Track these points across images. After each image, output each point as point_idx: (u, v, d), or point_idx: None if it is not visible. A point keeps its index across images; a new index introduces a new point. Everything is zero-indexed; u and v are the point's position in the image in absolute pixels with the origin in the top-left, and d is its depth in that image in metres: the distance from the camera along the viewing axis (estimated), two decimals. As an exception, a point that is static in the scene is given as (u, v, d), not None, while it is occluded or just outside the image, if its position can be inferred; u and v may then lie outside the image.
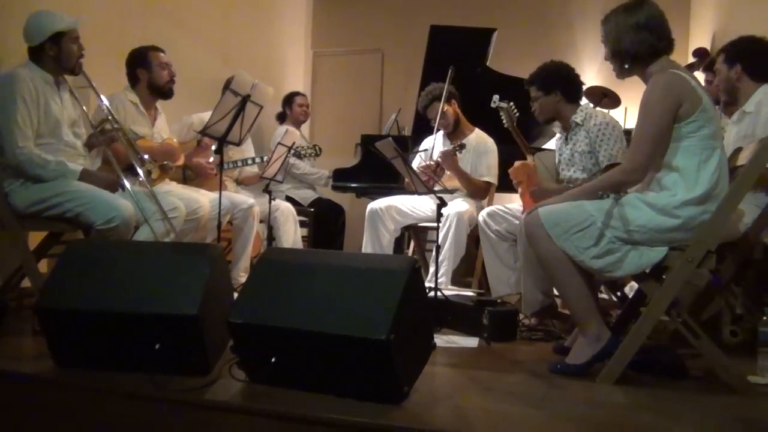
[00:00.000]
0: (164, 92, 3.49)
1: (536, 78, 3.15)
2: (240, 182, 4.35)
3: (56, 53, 2.84)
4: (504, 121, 3.27)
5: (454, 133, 4.06)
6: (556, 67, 3.14)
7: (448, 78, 3.91)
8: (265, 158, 3.97)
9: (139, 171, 2.98)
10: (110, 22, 3.80)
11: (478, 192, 4.01)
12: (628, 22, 2.24)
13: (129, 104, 3.40)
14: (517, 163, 3.38)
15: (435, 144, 4.04)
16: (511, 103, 3.23)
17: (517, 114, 3.31)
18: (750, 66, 2.80)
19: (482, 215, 3.42)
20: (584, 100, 3.18)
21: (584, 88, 3.32)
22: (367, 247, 3.96)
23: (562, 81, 3.11)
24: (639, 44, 2.23)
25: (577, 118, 3.10)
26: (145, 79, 3.45)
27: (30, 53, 2.86)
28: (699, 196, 2.12)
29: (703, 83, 2.86)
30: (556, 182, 3.20)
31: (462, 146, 3.73)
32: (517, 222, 3.20)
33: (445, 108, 3.94)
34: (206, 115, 3.91)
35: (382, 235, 3.94)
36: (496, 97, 3.25)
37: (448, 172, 3.94)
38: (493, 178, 4.03)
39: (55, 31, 2.81)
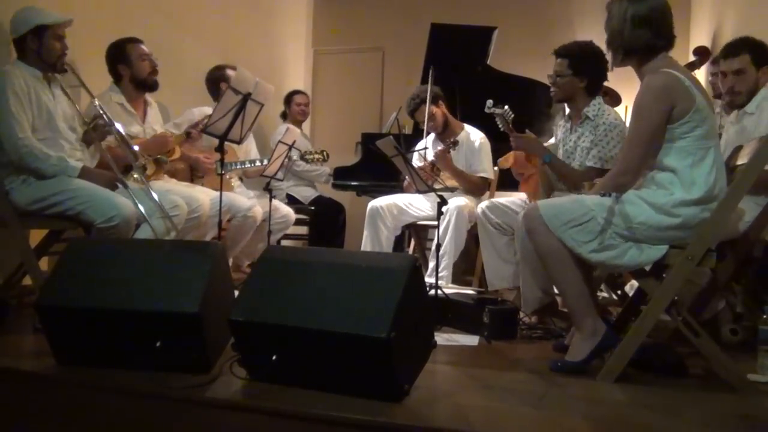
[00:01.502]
0: (149, 85, 3.42)
1: (572, 55, 2.99)
2: (243, 175, 4.36)
3: (37, 47, 2.82)
4: (500, 126, 3.24)
5: (444, 134, 4.07)
6: (596, 55, 2.95)
7: (430, 79, 3.93)
8: (267, 160, 3.98)
9: (134, 167, 2.96)
10: (111, 22, 3.80)
11: (476, 189, 4.02)
12: (629, 12, 2.18)
13: (115, 105, 3.32)
14: (508, 154, 3.38)
15: (427, 147, 4.06)
16: (506, 107, 3.18)
17: (512, 116, 3.29)
18: (756, 54, 2.79)
19: (481, 207, 3.40)
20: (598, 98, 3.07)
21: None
22: (366, 245, 3.96)
23: (594, 70, 2.97)
24: (635, 39, 2.19)
25: (590, 112, 3.00)
26: (127, 75, 3.38)
27: (16, 48, 2.86)
28: (698, 197, 2.12)
29: (705, 80, 2.86)
30: (556, 180, 3.18)
31: (455, 143, 3.74)
32: (517, 216, 3.19)
33: (433, 110, 3.95)
34: (207, 109, 3.93)
35: (382, 234, 3.95)
36: (489, 102, 3.18)
37: (446, 172, 3.96)
38: (488, 173, 4.04)
39: (38, 23, 2.80)
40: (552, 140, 3.62)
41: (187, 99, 4.25)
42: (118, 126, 3.00)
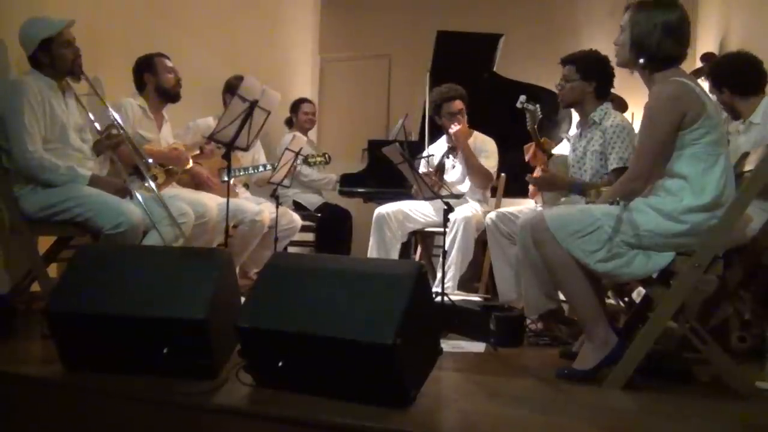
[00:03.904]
0: (172, 95, 3.55)
1: (579, 60, 3.04)
2: (250, 183, 4.37)
3: (50, 60, 2.85)
4: (527, 123, 3.27)
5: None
6: (602, 60, 3.03)
7: (428, 82, 4.04)
8: (271, 165, 4.00)
9: (146, 176, 2.99)
10: (118, 29, 3.83)
11: (484, 179, 4.00)
12: (659, 18, 2.18)
13: (137, 108, 3.45)
14: (529, 144, 3.39)
15: (434, 151, 4.08)
16: (537, 105, 3.20)
17: (540, 116, 3.29)
18: (735, 87, 2.85)
19: (490, 217, 3.40)
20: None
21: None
22: (373, 252, 3.96)
23: (602, 74, 3.02)
24: (662, 47, 2.18)
25: (596, 116, 3.03)
26: (152, 84, 3.50)
27: (31, 63, 2.88)
28: (706, 203, 2.12)
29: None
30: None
31: (453, 149, 3.76)
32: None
33: (462, 107, 3.99)
34: (211, 120, 3.97)
35: (389, 240, 3.96)
36: (522, 98, 3.20)
37: (450, 180, 3.97)
38: (492, 170, 4.05)
39: (41, 38, 2.82)
40: (561, 149, 3.63)
41: (193, 105, 4.27)
42: (132, 127, 3.03)
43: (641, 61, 2.23)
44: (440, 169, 3.94)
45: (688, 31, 2.22)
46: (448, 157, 3.86)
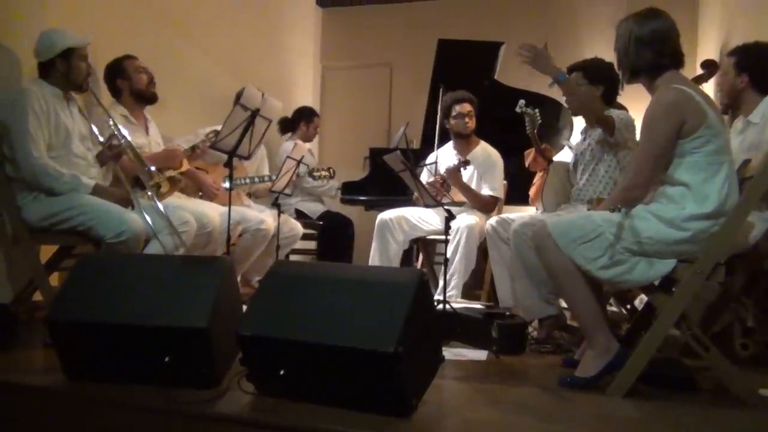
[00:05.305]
0: (148, 96, 3.48)
1: (586, 66, 3.08)
2: (252, 194, 4.38)
3: (66, 69, 2.88)
4: (527, 127, 3.27)
5: (464, 141, 4.07)
6: (608, 66, 3.03)
7: (440, 95, 4.06)
8: (276, 176, 4.01)
9: (147, 186, 2.99)
10: (122, 38, 3.85)
11: (485, 206, 4.02)
12: (633, 33, 2.24)
13: (119, 118, 3.38)
14: (529, 150, 3.41)
15: (440, 156, 4.07)
16: (537, 110, 3.21)
17: (540, 121, 3.30)
18: (757, 77, 2.79)
19: (490, 224, 3.40)
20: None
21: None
22: (375, 258, 3.96)
23: (608, 79, 3.03)
24: (639, 59, 2.23)
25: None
26: (126, 88, 3.45)
27: (40, 69, 2.91)
28: (708, 212, 2.11)
29: (713, 92, 2.86)
30: (568, 191, 3.19)
31: (467, 162, 3.77)
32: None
33: (471, 111, 3.99)
34: (218, 128, 3.97)
35: (391, 247, 3.96)
36: (522, 102, 3.22)
37: (456, 188, 3.97)
38: (499, 192, 4.04)
39: (66, 46, 2.87)
40: (562, 156, 3.64)
41: (195, 113, 4.29)
42: (128, 137, 3.03)
43: (627, 76, 2.29)
44: (445, 179, 3.93)
45: (672, 41, 2.23)
46: (463, 169, 3.86)
